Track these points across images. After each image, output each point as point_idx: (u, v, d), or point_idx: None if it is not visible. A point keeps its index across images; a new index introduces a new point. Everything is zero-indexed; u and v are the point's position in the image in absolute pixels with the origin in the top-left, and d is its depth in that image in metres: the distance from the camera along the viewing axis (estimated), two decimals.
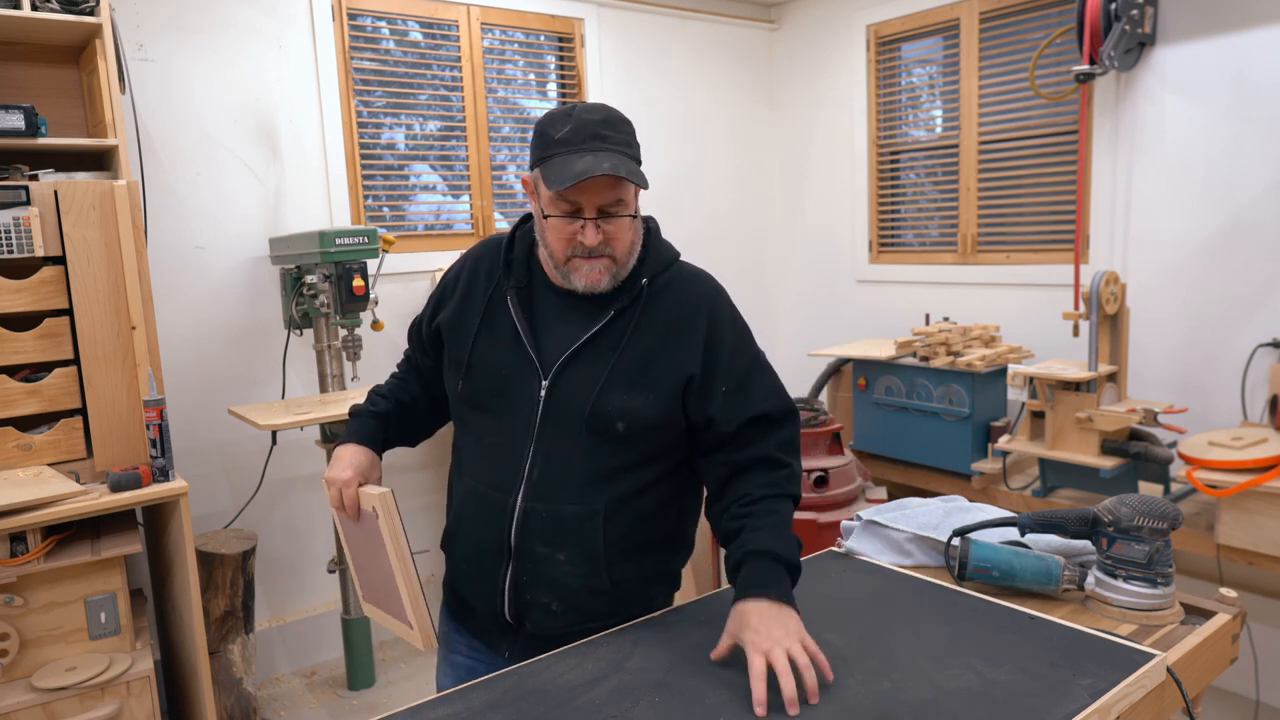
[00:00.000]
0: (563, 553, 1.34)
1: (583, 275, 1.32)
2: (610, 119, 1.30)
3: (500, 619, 1.40)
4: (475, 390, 1.40)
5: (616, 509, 1.34)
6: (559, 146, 1.27)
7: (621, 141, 1.29)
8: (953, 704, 1.08)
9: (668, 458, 1.39)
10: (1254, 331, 2.85)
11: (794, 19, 4.29)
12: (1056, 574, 1.43)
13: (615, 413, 1.32)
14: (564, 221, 1.29)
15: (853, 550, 1.65)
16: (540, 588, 1.35)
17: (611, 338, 1.35)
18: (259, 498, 3.01)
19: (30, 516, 1.95)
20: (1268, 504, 2.34)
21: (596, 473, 1.33)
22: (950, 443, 3.13)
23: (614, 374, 1.33)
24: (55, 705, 2.02)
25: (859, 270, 4.14)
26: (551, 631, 1.37)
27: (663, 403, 1.34)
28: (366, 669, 2.99)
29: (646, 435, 1.34)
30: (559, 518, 1.33)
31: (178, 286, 2.88)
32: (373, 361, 3.20)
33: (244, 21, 2.95)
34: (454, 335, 1.43)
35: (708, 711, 1.09)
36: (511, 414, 1.36)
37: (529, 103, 3.74)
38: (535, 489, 1.33)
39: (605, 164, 1.23)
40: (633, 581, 1.39)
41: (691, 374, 1.34)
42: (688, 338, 1.36)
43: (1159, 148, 3.04)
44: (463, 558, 1.44)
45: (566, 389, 1.33)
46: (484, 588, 1.40)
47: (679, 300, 1.38)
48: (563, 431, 1.33)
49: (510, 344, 1.37)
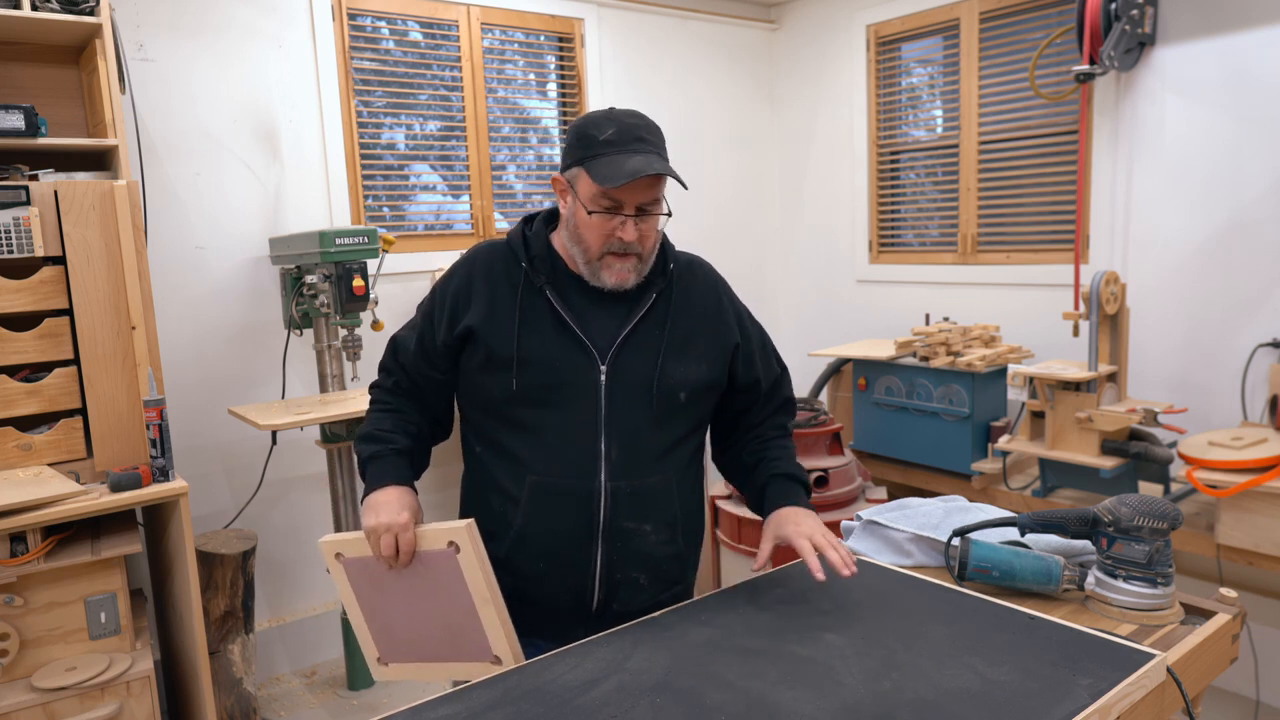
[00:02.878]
0: (649, 523, 1.44)
1: (614, 273, 1.40)
2: (649, 124, 1.41)
3: (584, 606, 1.45)
4: (529, 385, 1.40)
5: (682, 474, 1.49)
6: (605, 147, 1.34)
7: (659, 144, 1.40)
8: (953, 704, 1.08)
9: (706, 421, 1.57)
10: (1254, 331, 2.85)
11: (794, 19, 4.29)
12: (1056, 574, 1.43)
13: (677, 384, 1.44)
14: (604, 218, 1.36)
15: (853, 550, 1.65)
16: (631, 563, 1.44)
17: (655, 318, 1.46)
18: (259, 498, 3.01)
19: (30, 516, 1.95)
20: (1268, 504, 2.34)
21: (667, 442, 1.46)
22: (950, 443, 3.13)
23: (669, 349, 1.44)
24: (55, 705, 2.02)
25: (859, 270, 4.14)
26: (636, 606, 1.45)
27: (713, 369, 1.49)
28: (366, 669, 2.99)
29: (701, 400, 1.49)
30: (642, 491, 1.43)
31: (178, 286, 2.88)
32: (373, 361, 3.18)
33: (244, 22, 2.95)
34: (492, 335, 1.41)
35: (708, 711, 1.09)
36: (573, 402, 1.41)
37: (529, 103, 3.74)
38: (617, 468, 1.41)
39: (656, 164, 1.33)
40: (695, 541, 1.54)
41: (736, 342, 1.52)
42: (721, 312, 1.53)
43: (1159, 147, 3.03)
44: (538, 556, 1.43)
45: (626, 369, 1.42)
46: (570, 577, 1.43)
47: (698, 280, 1.54)
48: (630, 409, 1.42)
49: (556, 336, 1.41)
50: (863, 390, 3.40)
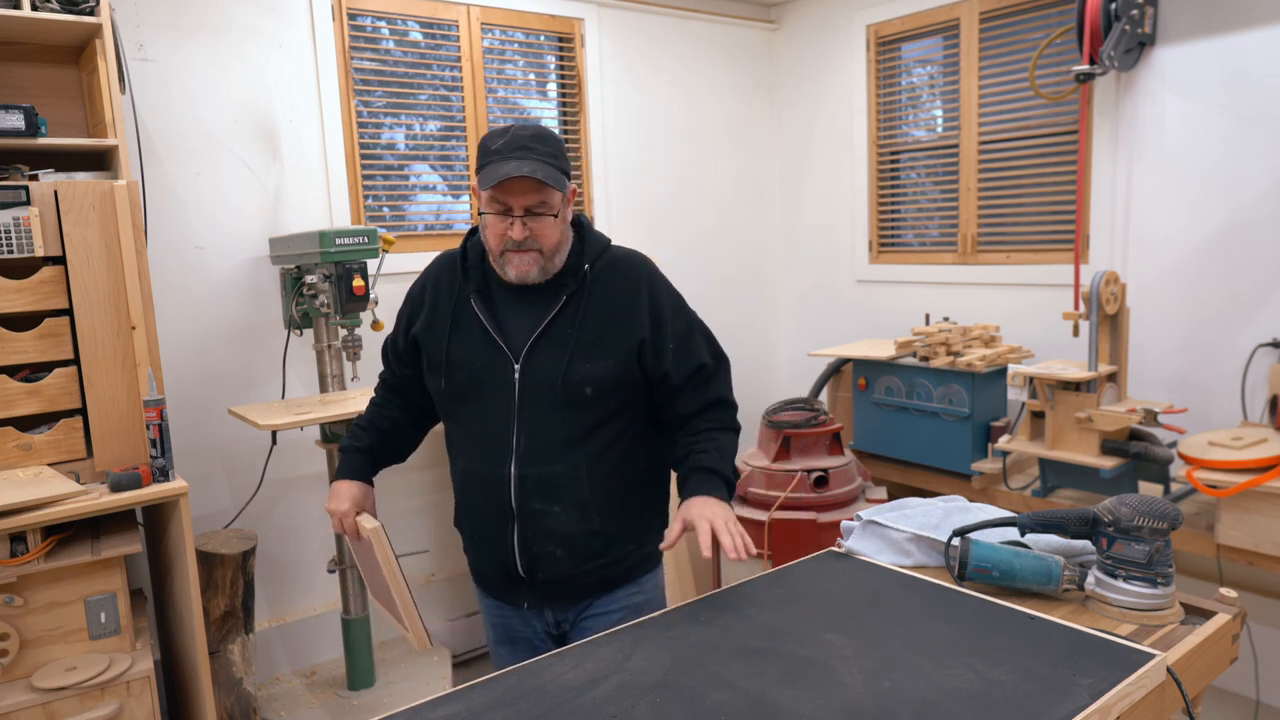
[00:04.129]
0: (557, 505, 1.58)
1: (514, 266, 1.54)
2: (541, 135, 1.52)
3: (514, 575, 1.63)
4: (456, 385, 1.61)
5: (595, 461, 1.59)
6: (493, 156, 1.49)
7: (547, 153, 1.50)
8: (953, 704, 1.08)
9: (629, 411, 1.64)
10: (1254, 331, 2.85)
11: (794, 19, 4.29)
12: (1056, 574, 1.43)
13: (582, 380, 1.55)
14: (496, 219, 1.52)
15: (853, 550, 1.65)
16: (544, 539, 1.59)
17: (567, 318, 1.57)
18: (259, 498, 3.01)
19: (30, 516, 1.95)
20: (1268, 504, 2.34)
21: (574, 434, 1.57)
22: (950, 443, 3.13)
23: (576, 348, 1.56)
24: (55, 705, 2.02)
25: (859, 270, 4.14)
26: (560, 575, 1.62)
27: (620, 365, 1.58)
28: (366, 669, 2.99)
29: (610, 395, 1.58)
30: (548, 477, 1.57)
31: (178, 286, 2.88)
32: (373, 361, 3.19)
33: (244, 21, 2.95)
34: (429, 341, 1.65)
35: (708, 711, 1.09)
36: (492, 399, 1.58)
37: (529, 103, 3.74)
38: (524, 457, 1.57)
39: (526, 168, 1.45)
40: (619, 519, 1.63)
41: (643, 338, 1.59)
42: (634, 308, 1.60)
43: (1159, 148, 3.03)
44: (473, 529, 1.69)
45: (537, 368, 1.56)
46: (496, 551, 1.63)
47: (619, 278, 1.62)
48: (539, 404, 1.56)
49: (479, 339, 1.59)
50: (863, 390, 3.40)
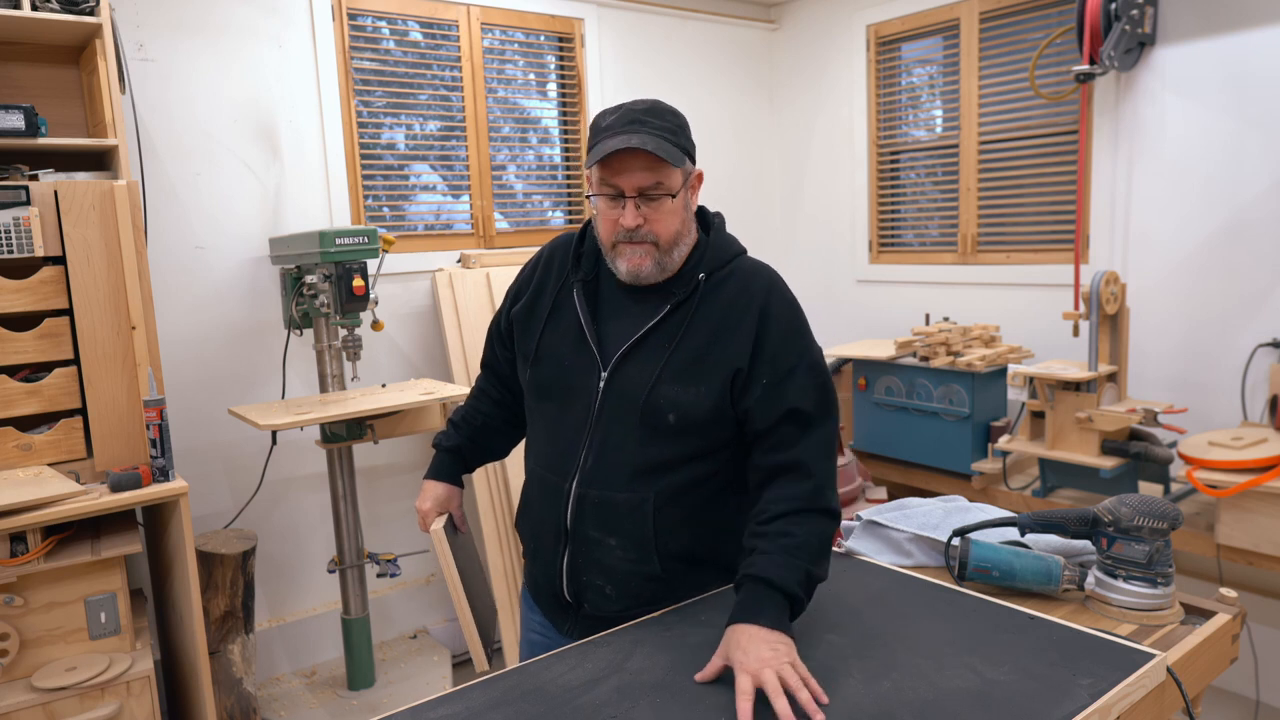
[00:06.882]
0: (614, 538, 1.38)
1: (626, 259, 1.37)
2: (656, 109, 1.36)
3: (560, 598, 1.46)
4: (541, 379, 1.46)
5: (667, 499, 1.37)
6: (603, 133, 1.34)
7: (663, 127, 1.34)
8: (953, 704, 1.08)
9: (721, 453, 1.39)
10: (1254, 331, 2.85)
11: (794, 19, 4.29)
12: (1056, 574, 1.43)
13: (667, 405, 1.34)
14: (607, 204, 1.35)
15: (853, 550, 1.65)
16: (594, 571, 1.40)
17: (668, 331, 1.38)
18: (259, 498, 3.01)
19: (30, 516, 1.95)
20: (1268, 504, 2.34)
21: (648, 463, 1.36)
22: (950, 443, 3.13)
23: (668, 367, 1.35)
24: (55, 705, 2.02)
25: (859, 270, 4.14)
26: (606, 613, 1.42)
27: (713, 396, 1.34)
28: (366, 669, 2.99)
29: (697, 429, 1.35)
30: (610, 504, 1.37)
31: (178, 286, 2.88)
32: (373, 361, 3.20)
33: (244, 21, 2.95)
34: (524, 327, 1.50)
35: (708, 711, 1.09)
36: (572, 403, 1.42)
37: (529, 103, 3.74)
38: (589, 476, 1.38)
39: (635, 140, 1.28)
40: (684, 569, 1.41)
41: (739, 367, 1.34)
42: (739, 331, 1.36)
43: (1159, 148, 3.03)
44: (530, 537, 1.52)
45: (623, 381, 1.37)
46: (546, 568, 1.46)
47: (735, 294, 1.39)
48: (618, 422, 1.37)
49: (574, 336, 1.43)
50: (863, 390, 3.40)
